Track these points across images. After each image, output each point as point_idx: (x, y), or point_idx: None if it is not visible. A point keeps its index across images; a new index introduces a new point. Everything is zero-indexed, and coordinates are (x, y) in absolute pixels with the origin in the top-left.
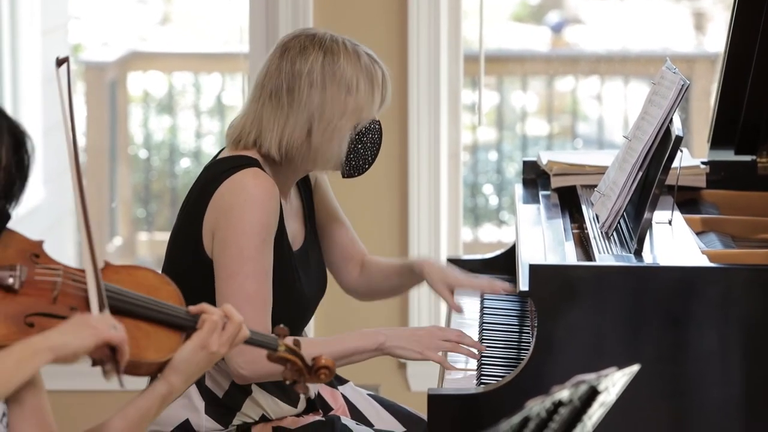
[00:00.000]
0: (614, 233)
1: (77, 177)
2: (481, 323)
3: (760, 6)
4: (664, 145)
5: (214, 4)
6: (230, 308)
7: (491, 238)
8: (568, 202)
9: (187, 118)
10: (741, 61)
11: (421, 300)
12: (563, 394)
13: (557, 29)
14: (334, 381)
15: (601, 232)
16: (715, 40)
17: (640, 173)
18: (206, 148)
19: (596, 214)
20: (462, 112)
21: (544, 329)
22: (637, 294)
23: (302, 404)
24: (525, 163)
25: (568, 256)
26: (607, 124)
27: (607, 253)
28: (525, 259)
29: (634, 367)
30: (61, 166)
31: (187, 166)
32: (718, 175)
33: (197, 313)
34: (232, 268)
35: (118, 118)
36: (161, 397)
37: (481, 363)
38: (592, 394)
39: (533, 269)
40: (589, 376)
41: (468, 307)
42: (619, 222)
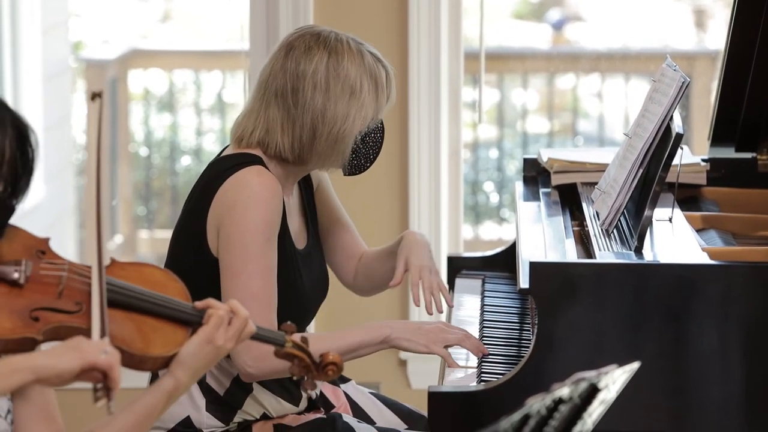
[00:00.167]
0: (614, 230)
1: (96, 211)
2: (482, 321)
3: (760, 4)
4: (665, 143)
5: (215, 2)
6: (236, 303)
7: (492, 235)
8: (569, 200)
9: (188, 116)
10: (741, 59)
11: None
12: (563, 391)
13: (558, 26)
14: (336, 379)
15: (602, 230)
16: (715, 38)
17: (641, 170)
18: (207, 145)
19: (597, 212)
20: (462, 109)
21: (545, 327)
22: (638, 291)
23: (304, 403)
24: (525, 161)
25: (568, 253)
26: (607, 122)
27: (608, 251)
28: (525, 257)
29: (635, 365)
30: (61, 164)
31: (187, 163)
32: (719, 172)
33: (203, 309)
34: (237, 267)
35: (119, 116)
36: (167, 393)
37: (481, 360)
38: (593, 391)
39: (534, 267)
40: (590, 374)
41: (468, 305)
42: (619, 219)
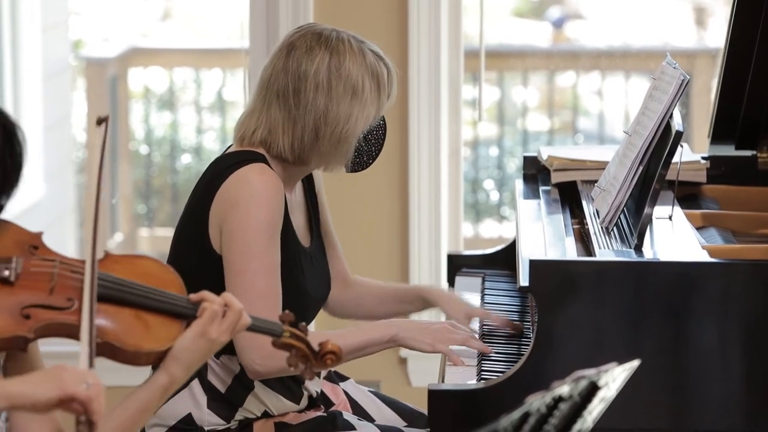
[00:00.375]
0: (614, 228)
1: (93, 231)
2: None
3: (760, 2)
4: (665, 141)
5: (215, 0)
6: (230, 296)
7: (492, 233)
8: (569, 198)
9: (188, 114)
10: (741, 57)
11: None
12: (563, 389)
13: (558, 24)
14: (336, 378)
15: (602, 228)
16: (715, 36)
17: (641, 168)
18: (207, 143)
19: (596, 210)
20: (462, 107)
21: (544, 324)
22: (638, 289)
23: (305, 400)
24: (525, 159)
25: (568, 251)
26: (607, 120)
27: (608, 249)
28: (525, 255)
29: (635, 363)
30: (61, 163)
31: (188, 161)
32: (719, 170)
33: (197, 301)
34: (241, 265)
35: (119, 114)
36: (162, 388)
37: (481, 358)
38: (593, 389)
39: (533, 264)
40: (590, 372)
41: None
42: (619, 217)
